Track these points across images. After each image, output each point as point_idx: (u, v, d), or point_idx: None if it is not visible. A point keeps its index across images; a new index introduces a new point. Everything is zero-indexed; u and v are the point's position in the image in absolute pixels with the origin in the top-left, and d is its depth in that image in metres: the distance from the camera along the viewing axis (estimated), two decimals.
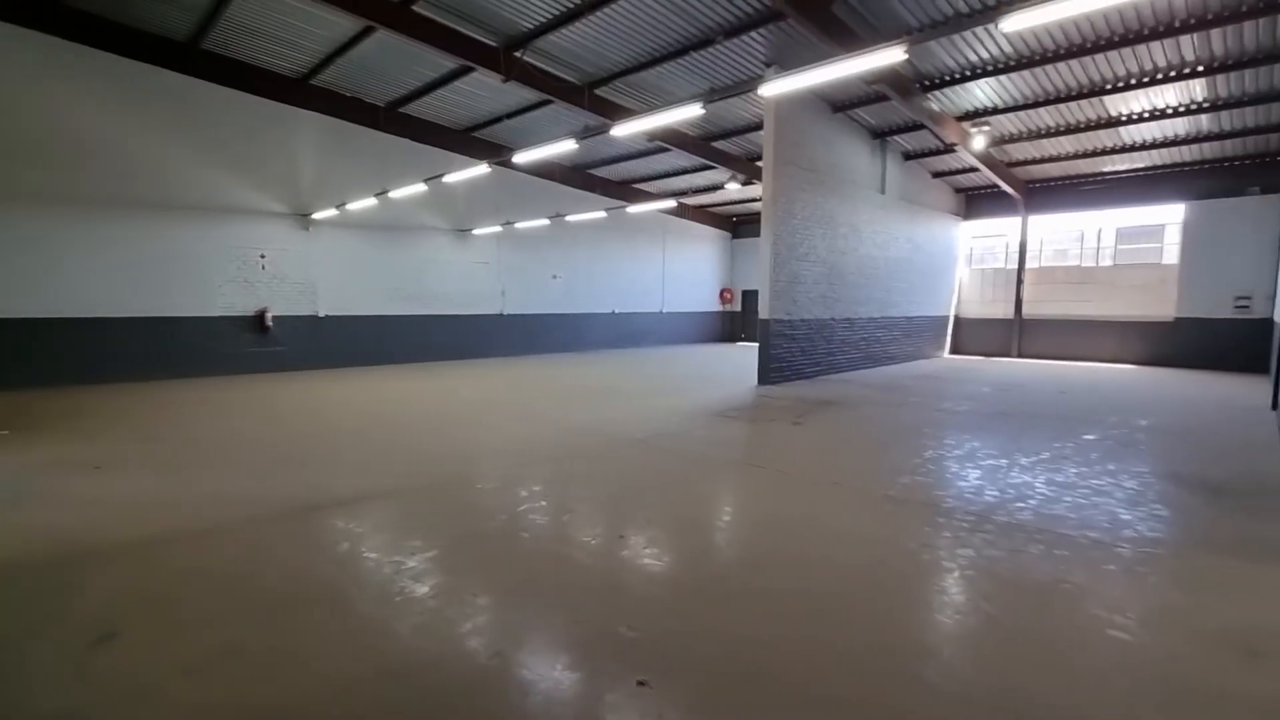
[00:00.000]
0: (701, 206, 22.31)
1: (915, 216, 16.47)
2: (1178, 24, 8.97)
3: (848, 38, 8.99)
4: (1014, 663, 2.72)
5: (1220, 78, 10.51)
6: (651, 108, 10.87)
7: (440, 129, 14.63)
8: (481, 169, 10.84)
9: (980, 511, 4.60)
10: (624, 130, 8.27)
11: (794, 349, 12.49)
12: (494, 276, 16.64)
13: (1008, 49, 10.15)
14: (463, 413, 8.63)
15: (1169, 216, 15.62)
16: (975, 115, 12.82)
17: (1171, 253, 15.66)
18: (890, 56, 5.42)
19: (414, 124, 14.22)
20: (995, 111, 12.57)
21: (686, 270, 22.50)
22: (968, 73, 11.02)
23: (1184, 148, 13.86)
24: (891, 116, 13.41)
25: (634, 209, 16.74)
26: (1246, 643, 2.84)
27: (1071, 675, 2.60)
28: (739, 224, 23.84)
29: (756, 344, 12.25)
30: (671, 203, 16.52)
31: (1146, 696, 2.47)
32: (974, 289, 19.05)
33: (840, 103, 12.83)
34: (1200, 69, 10.27)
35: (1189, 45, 9.56)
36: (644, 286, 20.93)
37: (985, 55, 10.42)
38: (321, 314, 13.50)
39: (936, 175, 17.17)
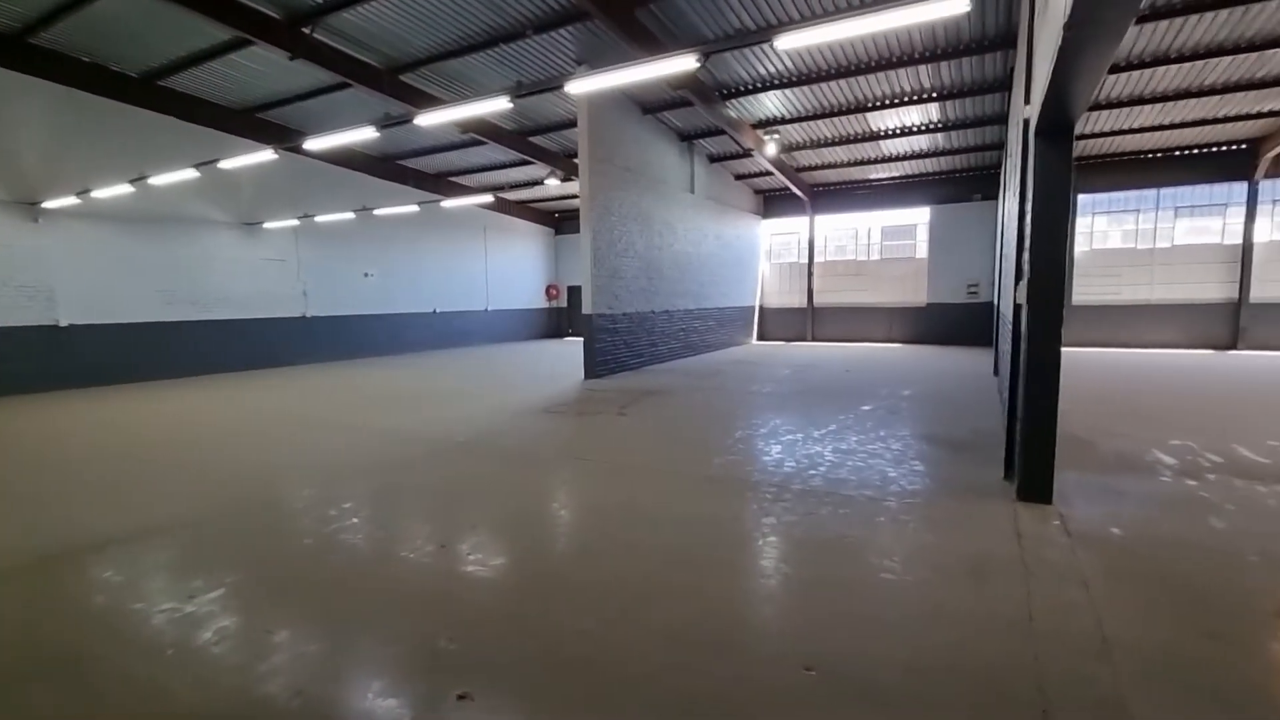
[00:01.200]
0: (523, 202, 22.03)
1: (722, 215, 17.79)
2: (916, 55, 10.66)
3: (650, 43, 9.40)
4: (812, 615, 3.08)
5: (949, 103, 12.70)
6: (461, 98, 10.48)
7: (215, 107, 12.75)
8: (267, 154, 9.65)
9: (780, 482, 5.13)
10: (429, 120, 7.86)
11: (617, 342, 12.87)
12: (293, 275, 14.93)
13: (790, 66, 11.32)
14: (258, 428, 7.66)
15: (919, 218, 18.59)
16: (767, 124, 14.14)
17: (922, 249, 18.66)
18: (686, 63, 5.78)
19: (181, 100, 12.22)
20: (784, 121, 13.97)
21: (510, 266, 22.09)
22: (759, 84, 12.11)
23: (927, 160, 16.57)
24: (696, 121, 14.31)
25: (449, 203, 16.02)
26: (975, 568, 3.50)
27: (858, 619, 3.01)
28: (562, 220, 23.92)
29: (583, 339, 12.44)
30: (489, 197, 16.07)
31: (912, 624, 2.94)
32: (774, 281, 21.07)
33: (650, 105, 13.40)
34: (935, 95, 12.32)
35: (925, 74, 11.42)
36: (466, 284, 20.17)
37: (772, 70, 11.53)
38: (64, 323, 11.14)
39: (738, 177, 18.68)
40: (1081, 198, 16.21)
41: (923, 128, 14.21)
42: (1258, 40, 9.90)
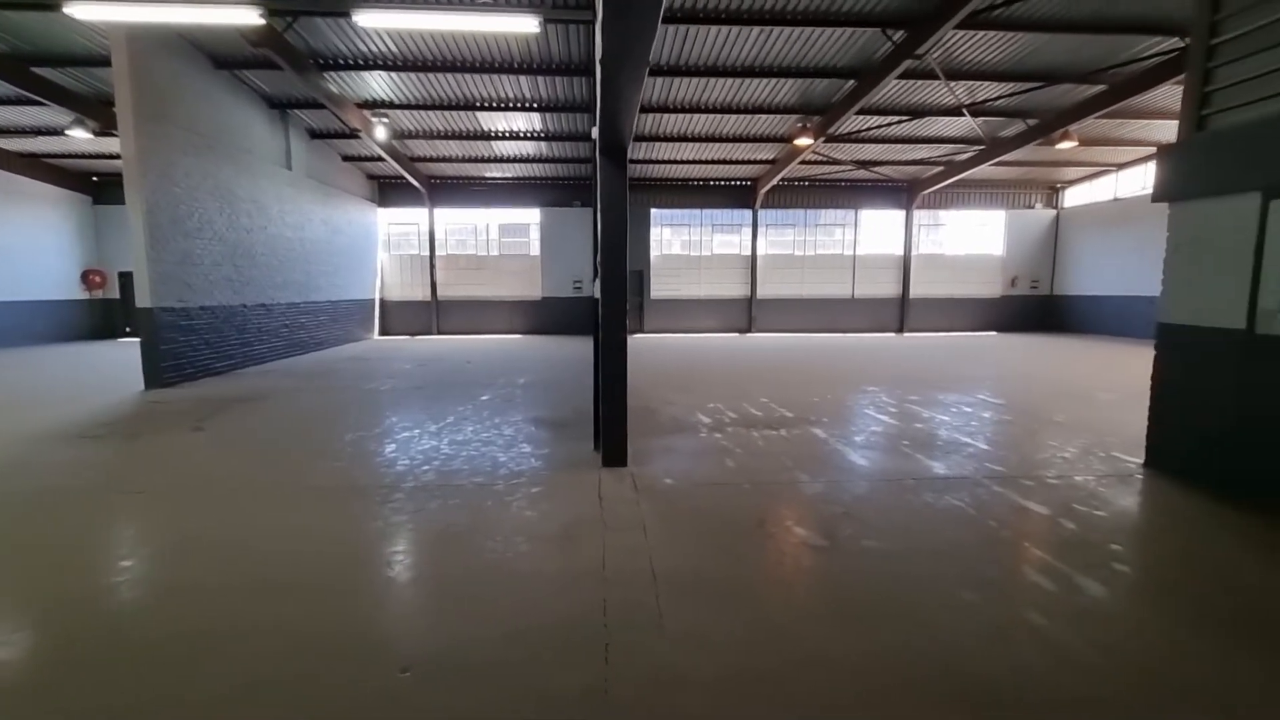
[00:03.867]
0: (33, 156, 16.12)
1: (330, 198, 16.12)
2: (515, 65, 11.43)
3: None
4: (419, 610, 3.07)
5: (549, 115, 14.00)
6: None
7: None
8: None
9: (392, 482, 4.97)
10: None
11: (196, 342, 10.57)
12: None
13: (394, 49, 10.87)
14: None
15: (531, 218, 20.08)
16: (375, 105, 13.33)
17: (536, 246, 20.24)
18: (246, 15, 5.03)
19: None
20: (393, 106, 13.37)
21: (21, 243, 15.95)
22: (362, 61, 11.31)
23: (536, 165, 17.98)
24: (288, 88, 12.59)
25: None
26: (565, 533, 4.00)
27: (462, 602, 3.12)
28: (105, 186, 18.23)
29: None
30: None
31: (511, 595, 3.18)
32: (395, 273, 20.13)
33: (224, 59, 11.25)
34: (536, 105, 13.42)
35: (525, 84, 12.34)
36: None
37: (376, 50, 10.89)
38: None
39: (348, 159, 17.17)
40: (654, 211, 19.80)
41: (528, 134, 15.33)
42: (749, 106, 13.57)
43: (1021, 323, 21.02)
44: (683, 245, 20.43)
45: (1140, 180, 17.57)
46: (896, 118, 14.08)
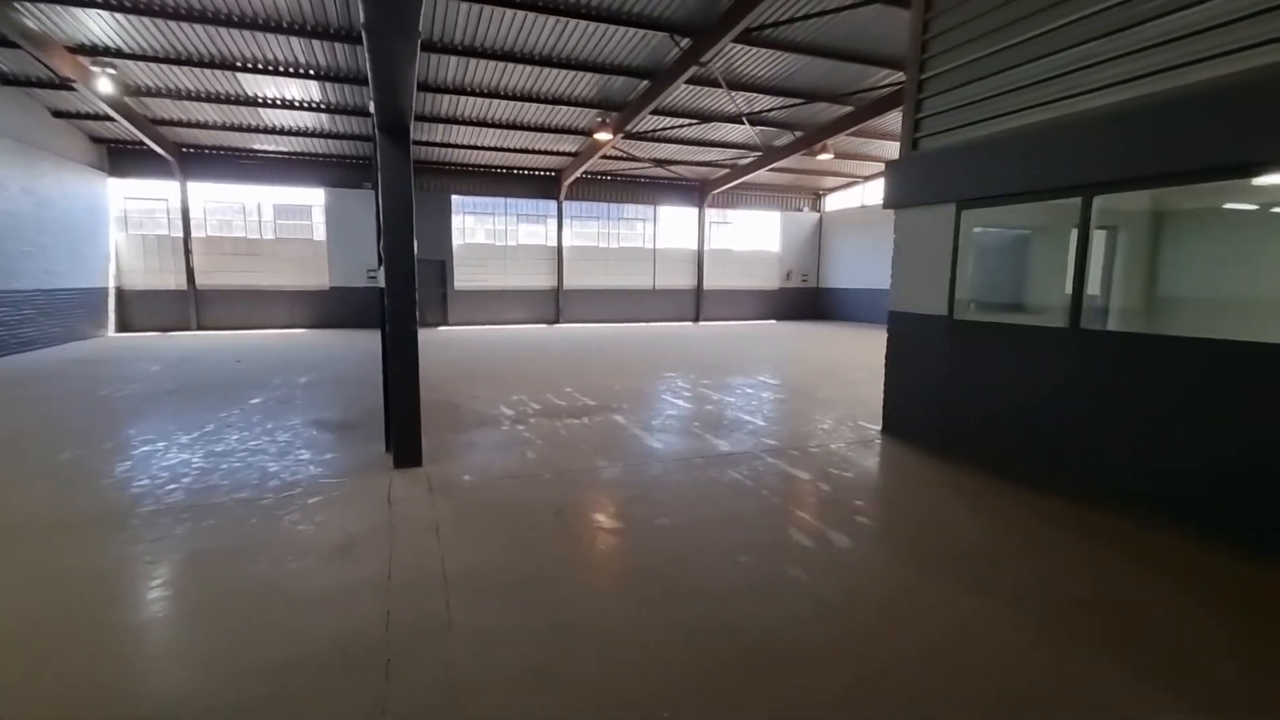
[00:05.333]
0: None
1: (36, 163, 12.91)
2: (285, 25, 10.13)
3: None
4: (189, 652, 2.59)
5: (330, 85, 12.64)
6: None
7: None
8: None
9: (125, 509, 4.15)
10: None
11: None
12: None
13: None
14: None
15: (315, 199, 18.03)
16: (96, 52, 10.93)
17: (321, 230, 18.23)
18: None
19: None
20: (121, 55, 11.07)
21: None
22: None
23: (318, 140, 16.13)
24: None
25: None
26: (347, 545, 3.67)
27: (241, 636, 2.70)
28: None
29: None
30: None
31: (284, 626, 2.82)
32: (137, 257, 16.80)
33: None
34: (313, 73, 12.04)
35: (299, 47, 10.99)
36: None
37: None
38: None
39: (61, 115, 13.86)
40: (456, 198, 18.93)
41: (306, 104, 13.70)
42: (550, 96, 13.56)
43: (796, 311, 23.82)
44: (487, 234, 19.83)
45: (880, 191, 20.83)
46: (687, 120, 15.03)
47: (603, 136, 14.52)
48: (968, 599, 3.12)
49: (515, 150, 17.27)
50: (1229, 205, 7.60)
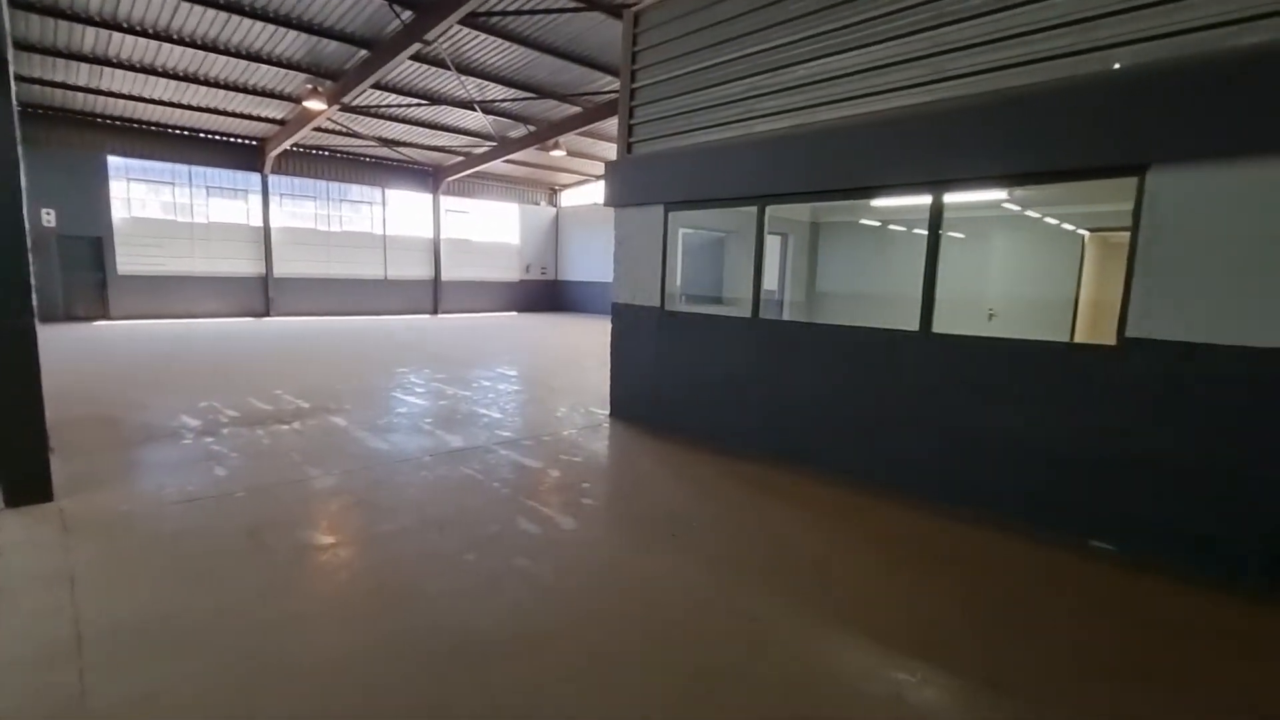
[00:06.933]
0: None
1: None
2: None
3: None
4: None
5: None
6: None
7: None
8: None
9: None
10: None
11: None
12: None
13: None
14: None
15: None
16: None
17: None
18: None
19: None
20: None
21: None
22: None
23: None
24: None
25: None
26: None
27: None
28: None
29: None
30: None
31: None
32: None
33: None
34: None
35: None
36: None
37: None
38: None
39: None
40: (113, 160, 15.11)
41: None
42: (245, 52, 11.59)
43: (536, 303, 24.19)
44: (165, 208, 16.23)
45: None
46: (417, 101, 14.14)
47: (315, 105, 12.87)
48: (691, 566, 3.50)
49: (200, 110, 14.41)
50: (861, 220, 9.80)
